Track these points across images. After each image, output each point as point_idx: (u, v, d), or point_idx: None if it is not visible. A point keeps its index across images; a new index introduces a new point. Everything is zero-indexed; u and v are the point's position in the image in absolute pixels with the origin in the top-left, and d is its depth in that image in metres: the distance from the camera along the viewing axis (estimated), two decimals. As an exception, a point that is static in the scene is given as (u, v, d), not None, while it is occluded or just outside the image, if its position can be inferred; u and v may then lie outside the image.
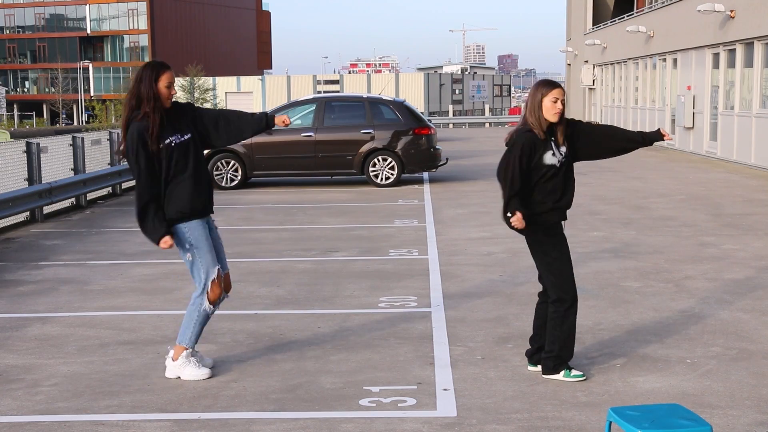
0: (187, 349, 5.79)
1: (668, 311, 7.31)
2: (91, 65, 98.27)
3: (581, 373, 5.62)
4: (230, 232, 12.21)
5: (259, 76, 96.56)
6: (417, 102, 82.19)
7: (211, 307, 5.83)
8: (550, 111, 5.48)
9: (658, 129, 5.79)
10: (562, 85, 5.56)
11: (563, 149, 5.62)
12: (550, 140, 5.58)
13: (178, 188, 5.66)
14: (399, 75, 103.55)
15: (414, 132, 17.57)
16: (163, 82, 5.62)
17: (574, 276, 5.64)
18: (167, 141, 5.61)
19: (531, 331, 5.89)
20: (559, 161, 5.57)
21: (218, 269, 5.81)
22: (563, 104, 5.52)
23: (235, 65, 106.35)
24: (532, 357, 5.83)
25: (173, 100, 5.74)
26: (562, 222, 5.70)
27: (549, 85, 5.56)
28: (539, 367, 5.74)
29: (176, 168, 5.65)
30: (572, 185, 5.69)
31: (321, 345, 6.49)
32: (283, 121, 5.89)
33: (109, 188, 16.87)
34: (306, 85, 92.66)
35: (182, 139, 5.68)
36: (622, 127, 6.01)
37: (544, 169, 5.52)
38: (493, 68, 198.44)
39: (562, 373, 5.61)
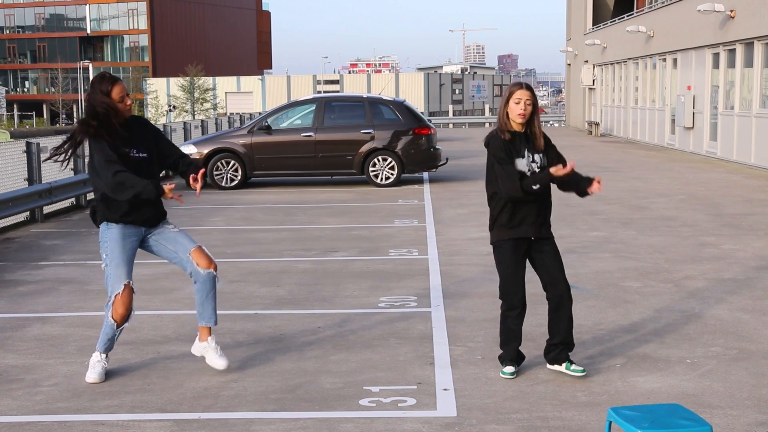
0: (99, 352, 5.75)
1: (668, 311, 7.31)
2: (91, 65, 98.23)
3: (513, 370, 5.62)
4: (230, 232, 12.22)
5: (259, 76, 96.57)
6: (417, 102, 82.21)
7: (114, 322, 5.64)
8: (513, 112, 5.37)
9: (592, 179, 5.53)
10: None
11: (539, 157, 5.43)
12: (524, 144, 5.40)
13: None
14: (399, 75, 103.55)
15: (414, 132, 17.57)
16: (115, 95, 5.49)
17: (519, 287, 5.53)
18: (126, 151, 5.53)
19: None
20: (529, 169, 5.39)
21: (126, 287, 5.59)
22: (531, 106, 5.35)
23: (235, 65, 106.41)
24: (547, 356, 5.79)
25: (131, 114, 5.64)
26: (531, 238, 5.47)
27: (516, 85, 5.44)
28: (556, 366, 5.71)
29: None
30: (543, 203, 5.46)
31: (321, 345, 6.49)
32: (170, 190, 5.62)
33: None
34: (306, 85, 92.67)
35: (138, 155, 5.59)
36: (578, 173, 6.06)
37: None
38: (493, 68, 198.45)
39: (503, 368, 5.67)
